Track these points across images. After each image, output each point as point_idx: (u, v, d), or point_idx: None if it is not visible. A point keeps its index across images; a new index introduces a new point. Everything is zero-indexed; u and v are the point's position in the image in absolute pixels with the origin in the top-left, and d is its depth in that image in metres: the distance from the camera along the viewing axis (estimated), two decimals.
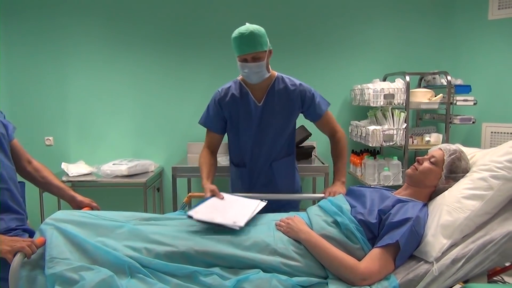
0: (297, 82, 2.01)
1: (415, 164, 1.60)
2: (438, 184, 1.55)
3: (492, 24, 3.25)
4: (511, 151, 1.46)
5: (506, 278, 1.95)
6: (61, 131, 3.51)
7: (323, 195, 1.84)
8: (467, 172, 1.55)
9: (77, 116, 3.50)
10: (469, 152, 1.73)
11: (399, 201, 1.49)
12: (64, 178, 3.10)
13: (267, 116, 1.94)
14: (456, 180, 1.54)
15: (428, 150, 1.69)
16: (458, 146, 1.62)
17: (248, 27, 1.76)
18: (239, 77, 1.98)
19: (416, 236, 1.37)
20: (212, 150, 2.01)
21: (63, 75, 3.45)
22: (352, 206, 1.53)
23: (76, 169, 3.19)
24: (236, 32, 1.76)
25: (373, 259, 1.32)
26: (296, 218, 1.48)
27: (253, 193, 1.92)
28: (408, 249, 1.35)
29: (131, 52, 3.45)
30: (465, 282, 1.40)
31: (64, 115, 3.49)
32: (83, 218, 1.46)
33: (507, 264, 1.47)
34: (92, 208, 1.66)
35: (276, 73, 1.98)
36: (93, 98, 3.48)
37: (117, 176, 3.09)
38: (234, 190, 2.11)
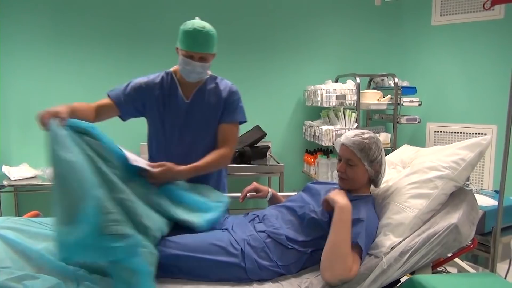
0: (230, 83, 1.90)
1: (340, 176, 1.57)
2: (370, 176, 1.56)
3: (435, 30, 3.45)
4: (457, 153, 1.55)
5: (449, 268, 2.08)
6: (1, 132, 3.29)
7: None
8: (381, 148, 1.54)
9: (18, 116, 3.29)
10: (414, 149, 1.83)
11: (352, 199, 1.51)
12: (5, 182, 2.91)
13: (193, 114, 1.82)
14: (380, 162, 1.54)
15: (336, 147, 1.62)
16: (352, 134, 1.56)
17: (203, 24, 1.65)
18: (172, 69, 1.85)
19: (372, 237, 1.43)
20: (98, 111, 1.75)
21: (2, 72, 3.23)
22: (306, 204, 1.56)
23: (19, 172, 3.00)
24: (189, 25, 1.64)
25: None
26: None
27: None
28: (366, 250, 1.39)
29: (77, 50, 3.30)
30: (412, 273, 1.46)
31: (4, 115, 3.27)
32: (26, 227, 1.37)
33: (449, 255, 1.56)
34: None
35: (210, 73, 1.86)
36: (37, 97, 3.29)
37: None
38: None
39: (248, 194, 1.79)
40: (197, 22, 1.66)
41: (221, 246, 1.41)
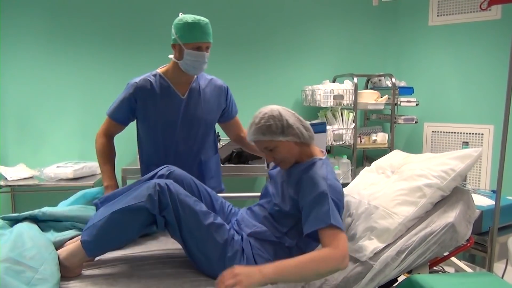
0: (219, 79, 1.98)
1: (274, 164, 1.53)
2: (296, 140, 1.46)
3: (432, 30, 3.46)
4: (448, 163, 1.56)
5: (446, 268, 2.08)
6: None
7: None
8: (279, 115, 1.44)
9: (15, 116, 3.28)
10: (404, 155, 1.83)
11: (303, 172, 1.45)
12: (2, 183, 2.89)
13: (193, 110, 1.85)
14: (289, 125, 1.43)
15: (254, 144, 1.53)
16: (249, 128, 1.49)
17: (199, 16, 1.72)
18: (159, 70, 1.88)
19: (340, 204, 1.36)
20: (111, 136, 1.99)
21: None
22: (271, 197, 1.54)
23: (15, 172, 2.98)
24: (189, 18, 1.69)
25: (334, 238, 1.26)
26: (236, 269, 1.19)
27: None
28: (340, 216, 1.32)
29: (74, 50, 3.29)
30: (409, 272, 1.47)
31: (0, 115, 3.26)
32: None
33: (445, 254, 1.57)
34: None
35: None
36: (33, 96, 3.28)
37: (61, 180, 2.92)
38: None
39: None
40: (192, 16, 1.72)
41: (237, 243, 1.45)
